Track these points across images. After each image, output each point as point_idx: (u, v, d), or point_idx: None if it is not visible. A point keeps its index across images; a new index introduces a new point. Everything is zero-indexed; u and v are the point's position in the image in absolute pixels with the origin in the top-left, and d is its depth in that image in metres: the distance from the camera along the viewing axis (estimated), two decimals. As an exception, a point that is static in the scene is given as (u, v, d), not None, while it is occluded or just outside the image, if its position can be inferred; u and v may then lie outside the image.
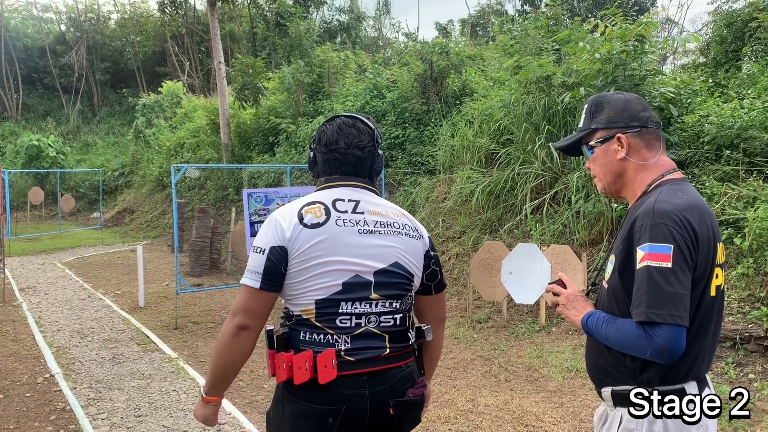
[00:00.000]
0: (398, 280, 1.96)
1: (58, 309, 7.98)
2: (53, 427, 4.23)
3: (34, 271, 11.17)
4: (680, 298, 1.53)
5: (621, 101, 1.83)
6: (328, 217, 1.90)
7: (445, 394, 4.80)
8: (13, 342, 6.39)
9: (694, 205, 1.65)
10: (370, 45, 24.53)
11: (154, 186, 19.47)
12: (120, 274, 10.74)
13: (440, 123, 10.46)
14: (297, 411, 1.86)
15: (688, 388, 1.65)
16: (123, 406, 4.59)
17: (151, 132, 21.77)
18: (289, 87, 14.58)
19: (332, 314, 1.87)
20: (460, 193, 8.63)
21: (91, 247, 14.88)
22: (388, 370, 1.91)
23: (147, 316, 7.53)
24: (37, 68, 34.12)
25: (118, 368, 5.51)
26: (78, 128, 30.73)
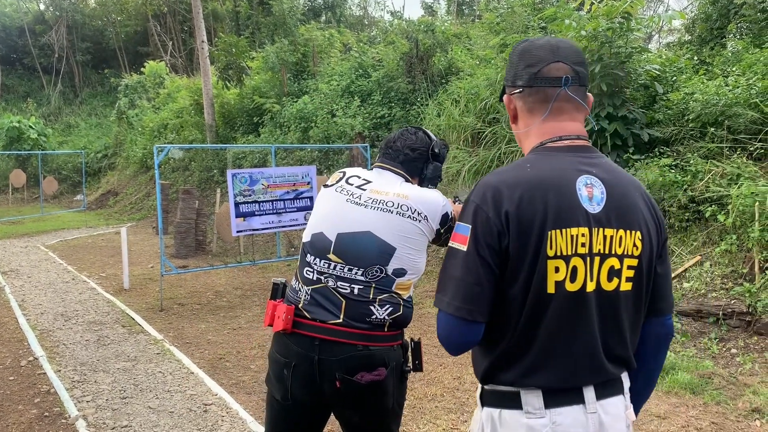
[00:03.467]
0: (365, 248, 2.06)
1: (41, 292, 7.90)
2: (37, 410, 4.20)
3: (16, 254, 11.04)
4: (465, 286, 1.33)
5: (517, 53, 1.49)
6: (336, 183, 2.20)
7: (431, 372, 4.82)
8: (-4, 325, 6.32)
9: (530, 181, 1.35)
10: (355, 24, 24.28)
11: (138, 168, 19.26)
12: (104, 257, 10.64)
13: (426, 102, 10.40)
14: (270, 355, 2.16)
15: (525, 395, 1.37)
16: (108, 389, 4.56)
17: (134, 113, 21.48)
18: (273, 66, 14.40)
19: (303, 262, 2.14)
20: (446, 172, 8.60)
21: (75, 230, 14.73)
22: (340, 343, 2.02)
23: (132, 299, 7.47)
24: (17, 48, 33.43)
25: (103, 350, 5.47)
26: (59, 109, 30.25)
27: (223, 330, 6.12)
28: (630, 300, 1.41)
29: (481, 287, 1.33)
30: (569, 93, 1.44)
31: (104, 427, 3.92)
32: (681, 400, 4.16)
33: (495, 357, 1.40)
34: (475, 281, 1.33)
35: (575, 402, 1.37)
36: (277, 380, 2.11)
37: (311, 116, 11.93)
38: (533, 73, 1.44)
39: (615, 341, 1.41)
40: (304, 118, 12.12)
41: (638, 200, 1.43)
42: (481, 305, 1.33)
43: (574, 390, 1.38)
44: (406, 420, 3.98)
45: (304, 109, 12.15)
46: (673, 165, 6.24)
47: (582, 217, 1.35)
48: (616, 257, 1.37)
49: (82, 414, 4.08)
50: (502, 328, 1.37)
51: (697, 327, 5.13)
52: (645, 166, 6.27)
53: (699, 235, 5.78)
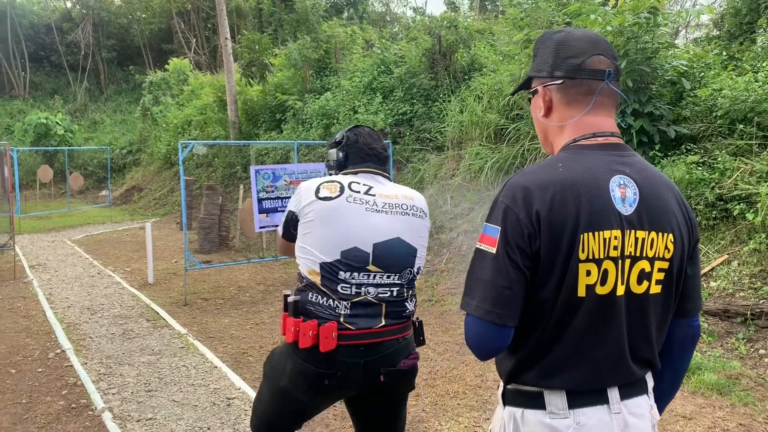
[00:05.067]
0: (398, 254, 2.20)
1: (68, 286, 8.02)
2: (65, 402, 4.27)
3: (44, 249, 11.24)
4: (494, 289, 1.29)
5: (553, 43, 1.43)
6: (341, 194, 2.18)
7: (453, 369, 4.81)
8: (25, 318, 6.44)
9: (563, 181, 1.31)
10: (377, 20, 24.25)
11: (162, 164, 19.47)
12: (129, 252, 10.78)
13: (449, 98, 10.35)
14: (298, 369, 2.15)
15: (549, 396, 1.35)
16: (133, 381, 4.63)
17: (158, 110, 21.71)
18: (295, 63, 14.44)
19: (333, 280, 2.13)
20: (468, 169, 8.56)
21: (100, 225, 14.94)
22: (383, 342, 2.16)
23: (156, 293, 7.56)
24: (44, 46, 33.98)
25: (128, 344, 5.55)
26: (85, 106, 30.69)
27: (246, 325, 6.17)
28: (659, 302, 1.39)
29: (511, 290, 1.29)
30: (612, 87, 1.42)
31: (129, 419, 3.97)
32: (707, 401, 4.10)
33: (520, 357, 1.38)
34: (505, 284, 1.29)
35: (599, 402, 1.35)
36: (310, 388, 2.17)
37: (333, 113, 11.95)
38: (576, 64, 1.39)
39: (642, 343, 1.39)
40: (326, 114, 12.14)
41: (671, 201, 1.40)
42: (511, 309, 1.30)
43: (599, 391, 1.36)
44: (428, 417, 3.98)
45: (326, 106, 12.17)
46: (701, 162, 6.13)
47: (615, 219, 1.32)
48: (646, 260, 1.35)
49: (108, 406, 4.15)
50: (529, 330, 1.35)
51: (724, 327, 5.04)
52: (671, 163, 6.18)
53: (726, 233, 5.67)
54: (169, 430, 3.81)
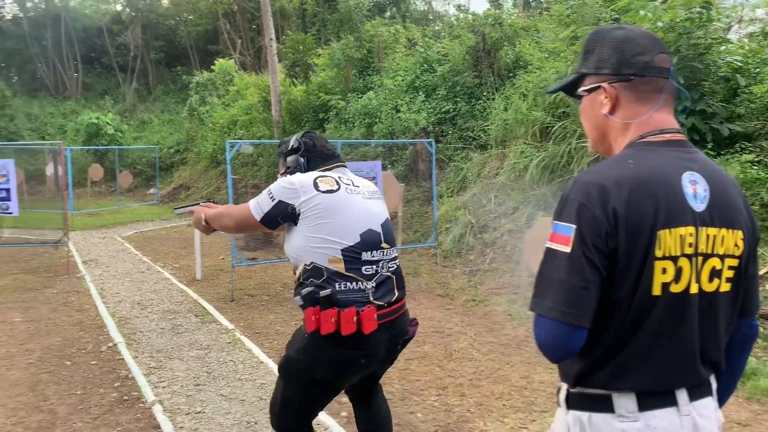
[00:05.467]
0: (391, 230, 2.56)
1: (119, 281, 8.26)
2: (117, 394, 4.39)
3: (95, 245, 11.59)
4: (570, 290, 1.26)
5: (616, 40, 1.42)
6: (339, 187, 2.42)
7: (498, 370, 4.77)
8: (78, 312, 6.65)
9: (637, 178, 1.29)
10: (419, 18, 24.20)
11: (209, 163, 19.85)
12: (177, 248, 11.03)
13: (493, 96, 10.27)
14: (338, 356, 2.30)
15: (618, 398, 1.33)
16: (182, 375, 4.73)
17: (204, 110, 22.14)
18: (338, 63, 14.55)
19: (357, 261, 2.33)
20: (513, 168, 8.48)
21: (149, 222, 15.32)
22: (401, 316, 2.44)
23: (204, 289, 7.71)
24: (95, 48, 35.06)
25: (177, 338, 5.67)
26: (134, 106, 31.51)
27: (291, 321, 6.24)
28: (728, 301, 1.37)
29: (587, 291, 1.26)
30: (675, 84, 1.41)
31: (179, 412, 4.06)
32: (764, 407, 3.97)
33: (590, 359, 1.35)
34: (581, 284, 1.26)
35: (669, 404, 1.32)
36: (349, 371, 2.38)
37: (375, 112, 11.98)
38: (646, 61, 1.38)
39: (711, 343, 1.36)
40: (368, 113, 12.18)
41: (737, 198, 1.38)
42: (587, 310, 1.27)
43: (668, 392, 1.33)
44: (473, 417, 3.96)
45: (369, 105, 12.22)
46: (756, 161, 5.93)
47: (689, 216, 1.30)
48: (717, 257, 1.33)
49: (159, 399, 4.24)
50: (600, 331, 1.32)
51: (781, 331, 4.87)
52: (725, 162, 5.99)
53: (784, 235, 5.48)
54: (218, 423, 3.88)
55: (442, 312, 6.41)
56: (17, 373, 4.81)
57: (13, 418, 4.00)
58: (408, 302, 6.70)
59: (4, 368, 4.90)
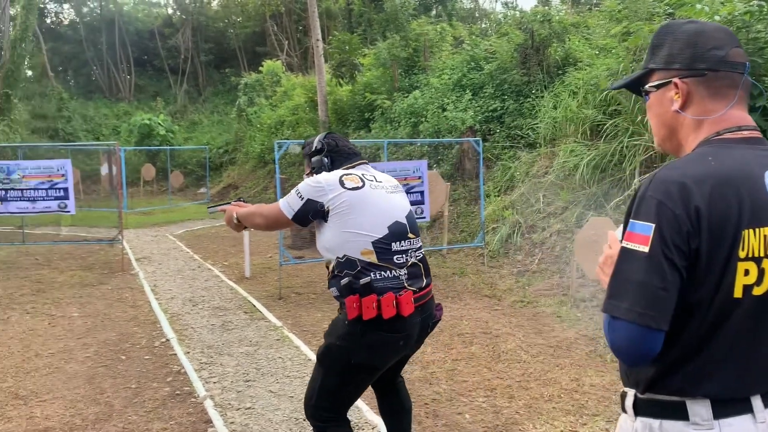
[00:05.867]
0: (415, 221, 2.73)
1: (171, 278, 8.46)
2: (170, 388, 4.49)
3: (148, 243, 11.90)
4: (649, 291, 1.21)
5: (688, 33, 1.37)
6: (364, 184, 2.58)
7: (548, 372, 4.69)
8: (132, 308, 6.84)
9: (718, 175, 1.24)
10: (466, 16, 24.04)
11: (257, 163, 20.15)
12: (226, 246, 11.23)
13: (541, 94, 10.11)
14: (379, 340, 2.46)
15: (692, 405, 1.27)
16: (232, 371, 4.81)
17: (252, 110, 22.48)
18: (384, 62, 14.55)
19: (388, 251, 2.50)
20: (562, 167, 8.33)
21: (199, 221, 15.65)
22: (429, 301, 2.62)
23: (253, 286, 7.83)
24: (147, 51, 36.03)
25: (227, 335, 5.77)
26: (185, 107, 32.26)
27: (338, 320, 6.27)
28: None
29: (667, 292, 1.21)
30: (750, 80, 1.36)
31: (229, 407, 4.13)
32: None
33: (663, 364, 1.30)
34: (660, 285, 1.21)
35: (745, 411, 1.27)
36: (390, 353, 2.55)
37: (421, 111, 11.94)
38: (721, 56, 1.34)
39: None
40: (414, 112, 12.15)
41: None
42: (665, 311, 1.22)
43: (743, 399, 1.28)
44: (522, 419, 3.90)
45: (415, 104, 12.18)
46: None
47: None
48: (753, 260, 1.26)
49: (210, 394, 4.32)
50: (676, 334, 1.27)
51: None
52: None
53: None
54: (267, 419, 3.93)
55: (490, 313, 6.34)
56: (75, 366, 4.98)
57: (71, 409, 4.14)
58: (455, 302, 6.67)
59: (63, 361, 5.08)
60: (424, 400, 4.20)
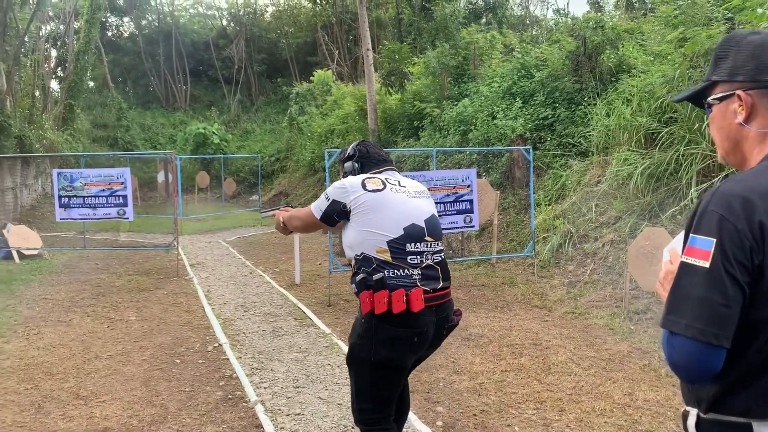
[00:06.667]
0: (437, 226, 2.81)
1: (223, 284, 8.65)
2: (222, 392, 4.59)
3: (202, 249, 12.21)
4: (709, 307, 1.19)
5: (753, 45, 1.34)
6: (384, 187, 2.73)
7: (599, 385, 4.59)
8: (187, 312, 7.02)
9: None
10: (516, 24, 23.82)
11: (307, 171, 20.44)
12: (277, 253, 11.42)
13: (594, 102, 9.94)
14: (391, 335, 2.56)
15: (759, 427, 1.23)
16: (282, 377, 4.88)
17: (303, 119, 22.83)
18: (433, 71, 14.57)
19: (402, 252, 2.61)
20: (616, 175, 8.16)
21: (251, 228, 15.97)
22: (445, 303, 2.72)
23: (302, 293, 7.94)
24: (203, 61, 37.06)
25: (278, 341, 5.87)
26: (238, 117, 32.99)
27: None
28: None
29: (729, 308, 1.19)
30: None
31: (280, 413, 4.19)
32: None
33: (726, 383, 1.27)
34: (721, 301, 1.19)
35: None
36: (404, 347, 2.61)
37: (471, 119, 11.90)
38: None
39: None
40: (463, 121, 12.12)
41: None
42: (727, 328, 1.20)
43: None
44: (573, 433, 3.83)
45: (464, 112, 12.15)
46: None
47: None
48: None
49: (261, 399, 4.40)
50: (739, 353, 1.25)
51: None
52: None
53: None
54: (316, 426, 3.97)
55: (540, 324, 6.25)
56: (132, 368, 5.15)
57: (129, 410, 4.28)
58: (504, 312, 6.61)
59: (121, 363, 5.26)
60: (473, 411, 4.17)
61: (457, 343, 5.63)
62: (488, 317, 6.49)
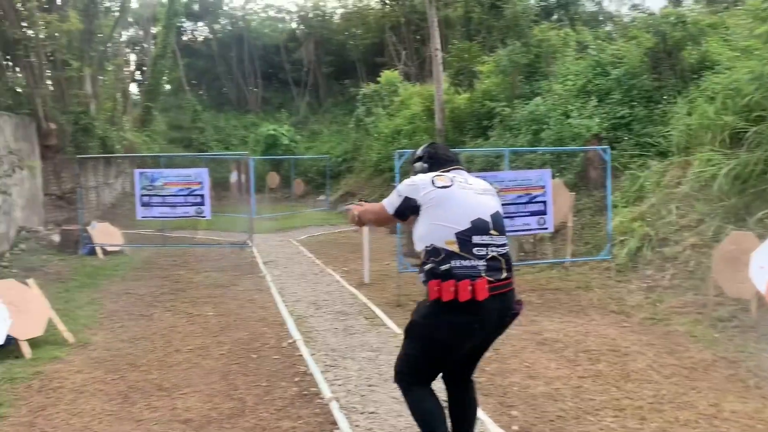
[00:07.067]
0: (501, 221, 3.01)
1: (295, 282, 8.81)
2: (298, 388, 4.67)
3: (274, 247, 12.47)
4: None
5: None
6: (452, 184, 2.98)
7: (683, 395, 4.41)
8: (261, 309, 7.19)
9: None
10: (589, 20, 23.19)
11: (373, 171, 20.54)
12: (346, 252, 11.53)
13: (674, 100, 9.56)
14: (455, 321, 2.81)
15: None
16: (356, 375, 4.92)
17: (370, 120, 22.96)
18: (504, 69, 14.37)
19: (469, 243, 2.82)
20: (698, 177, 7.81)
21: (320, 227, 16.19)
22: (508, 292, 2.89)
23: (372, 293, 7.98)
24: (273, 64, 37.87)
25: (350, 339, 5.92)
26: (306, 118, 33.53)
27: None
28: None
29: None
30: None
31: (354, 411, 4.22)
32: None
33: None
34: None
35: None
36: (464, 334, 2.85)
37: (543, 118, 11.66)
38: None
39: None
40: (535, 120, 11.89)
41: None
42: None
43: None
44: (657, 444, 3.69)
45: (536, 111, 11.92)
46: None
47: None
48: None
49: (335, 396, 4.44)
50: None
51: None
52: None
53: None
54: (391, 425, 3.98)
55: (617, 329, 6.06)
56: (211, 362, 5.31)
57: (209, 403, 4.41)
58: (579, 317, 6.45)
59: (200, 357, 5.43)
60: (549, 417, 4.08)
61: (531, 347, 5.53)
62: (563, 322, 6.34)
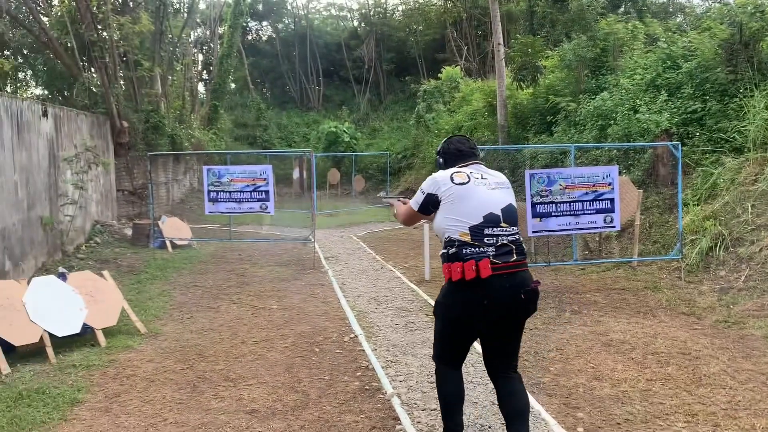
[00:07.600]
0: (513, 213, 3.25)
1: (356, 277, 8.89)
2: (359, 383, 4.71)
3: (335, 243, 12.62)
4: None
5: None
6: (469, 180, 3.25)
7: (760, 401, 4.21)
8: (323, 303, 7.29)
9: None
10: (658, 12, 22.37)
11: (433, 167, 20.35)
12: (406, 249, 11.55)
13: (751, 94, 9.11)
14: (466, 299, 3.14)
15: None
16: (417, 371, 4.92)
17: (430, 116, 22.90)
18: (569, 64, 14.03)
19: (480, 234, 3.13)
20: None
21: (380, 224, 16.27)
22: (518, 272, 3.15)
23: (432, 290, 7.96)
24: (334, 62, 38.31)
25: (410, 335, 5.93)
26: (367, 115, 33.78)
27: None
28: None
29: None
30: None
31: (415, 407, 4.23)
32: None
33: None
34: None
35: None
36: (476, 308, 3.11)
37: (610, 113, 11.33)
38: None
39: None
40: (601, 115, 11.56)
41: None
42: None
43: None
44: (732, 452, 3.54)
45: (603, 106, 11.59)
46: None
47: None
48: None
49: (397, 392, 4.46)
50: None
51: None
52: None
53: None
54: (453, 423, 3.96)
55: (688, 332, 5.84)
56: (275, 354, 5.42)
57: (273, 395, 4.51)
58: (647, 319, 6.27)
59: (265, 349, 5.56)
60: (616, 420, 3.98)
61: (597, 348, 5.40)
62: (630, 323, 6.15)
